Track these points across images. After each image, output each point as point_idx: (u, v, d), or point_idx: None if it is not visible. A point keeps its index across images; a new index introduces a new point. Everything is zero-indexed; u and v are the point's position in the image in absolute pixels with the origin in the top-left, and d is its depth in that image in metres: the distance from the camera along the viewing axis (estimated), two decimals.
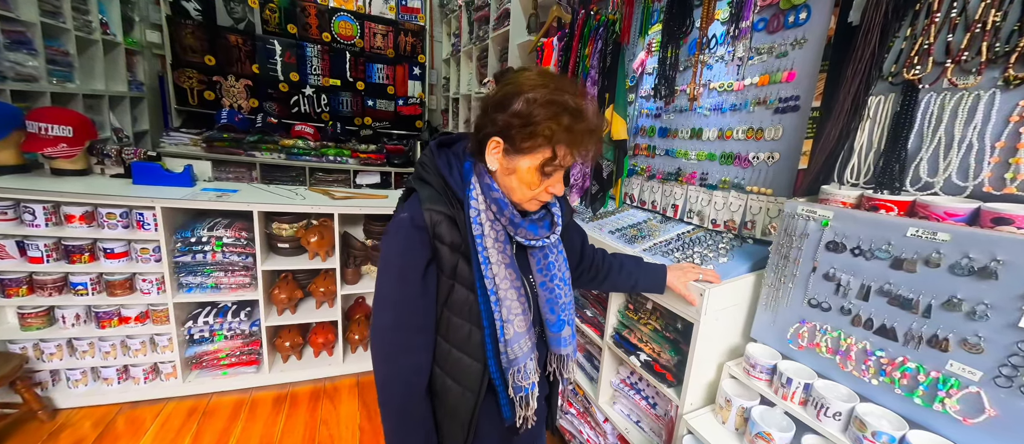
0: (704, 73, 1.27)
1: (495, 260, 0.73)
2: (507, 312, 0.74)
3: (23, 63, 1.93)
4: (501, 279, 0.73)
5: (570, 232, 0.96)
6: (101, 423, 1.68)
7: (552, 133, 0.67)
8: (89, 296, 1.66)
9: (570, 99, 0.68)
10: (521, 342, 0.75)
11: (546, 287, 0.81)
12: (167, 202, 1.63)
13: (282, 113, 3.45)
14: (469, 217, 0.72)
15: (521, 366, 0.76)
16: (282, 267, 1.93)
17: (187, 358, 1.89)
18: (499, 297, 0.73)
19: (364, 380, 2.15)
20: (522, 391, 0.77)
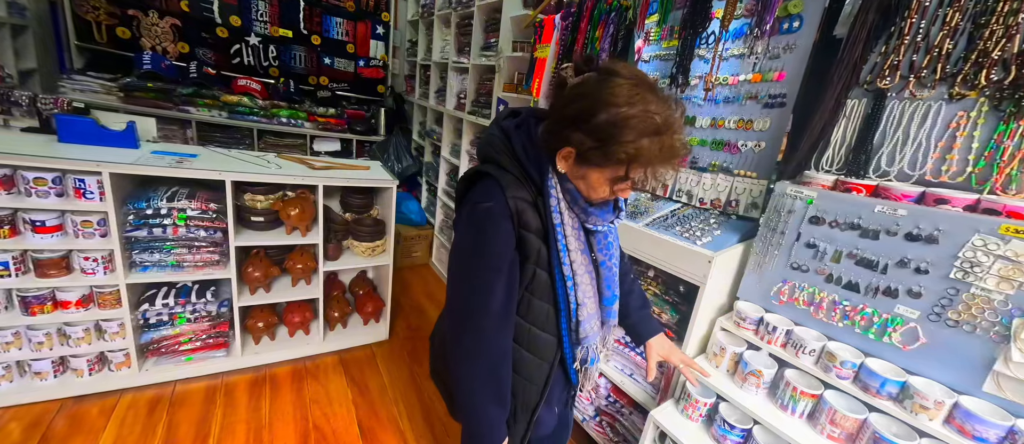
0: (714, 67, 1.38)
1: (572, 247, 0.77)
2: (581, 295, 0.79)
3: None
4: (577, 264, 0.78)
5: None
6: (38, 424, 1.44)
7: (629, 157, 0.64)
8: (11, 278, 1.37)
9: (659, 117, 0.63)
10: (593, 321, 0.82)
11: (606, 266, 0.87)
12: (116, 167, 1.37)
13: (220, 63, 2.98)
14: (549, 205, 0.75)
15: (592, 343, 0.83)
16: (256, 242, 1.75)
17: (142, 345, 1.67)
18: (576, 281, 0.79)
19: (347, 357, 2.08)
20: (589, 363, 0.85)
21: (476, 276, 0.74)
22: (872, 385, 0.96)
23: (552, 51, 1.91)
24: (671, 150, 0.65)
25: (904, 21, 1.04)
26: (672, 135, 0.64)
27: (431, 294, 2.84)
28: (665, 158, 0.65)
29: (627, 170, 0.66)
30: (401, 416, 1.77)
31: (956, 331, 0.90)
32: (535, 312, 0.80)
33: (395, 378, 1.99)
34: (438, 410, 1.83)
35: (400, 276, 2.97)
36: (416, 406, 1.84)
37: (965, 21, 0.98)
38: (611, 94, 0.63)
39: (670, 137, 0.64)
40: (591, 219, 0.79)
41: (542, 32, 1.95)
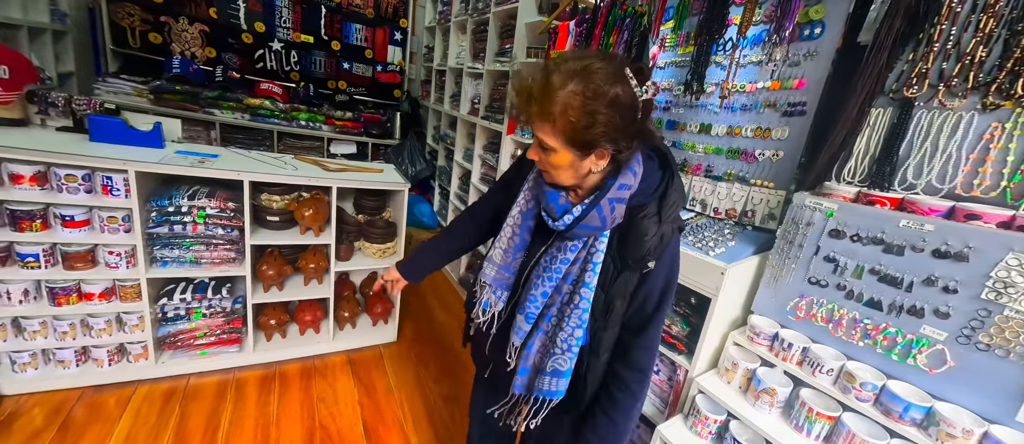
0: (731, 74, 1.35)
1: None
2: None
3: None
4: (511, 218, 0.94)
5: (641, 280, 0.81)
6: (59, 411, 1.50)
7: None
8: (41, 269, 1.43)
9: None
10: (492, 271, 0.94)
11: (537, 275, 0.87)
12: (142, 166, 1.43)
13: (244, 67, 3.09)
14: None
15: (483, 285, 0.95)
16: (271, 241, 1.79)
17: (159, 338, 1.72)
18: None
19: (356, 357, 2.10)
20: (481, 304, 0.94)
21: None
22: (895, 409, 0.91)
23: (582, 49, 1.92)
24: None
25: (933, 27, 0.99)
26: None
27: (441, 298, 2.85)
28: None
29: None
30: (406, 418, 1.77)
31: (987, 355, 0.84)
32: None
33: (401, 380, 1.99)
34: (442, 414, 1.83)
35: None
36: (421, 409, 1.84)
37: (1000, 27, 0.93)
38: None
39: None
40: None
41: (556, 38, 1.95)
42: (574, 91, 0.63)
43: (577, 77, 0.63)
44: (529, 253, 0.85)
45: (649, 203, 0.74)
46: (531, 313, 0.82)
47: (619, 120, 0.64)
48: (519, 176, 0.91)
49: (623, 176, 0.72)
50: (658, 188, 0.75)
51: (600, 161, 0.69)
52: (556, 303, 0.80)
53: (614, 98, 0.63)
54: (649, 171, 0.76)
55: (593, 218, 0.72)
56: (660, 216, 0.73)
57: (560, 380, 0.82)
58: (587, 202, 0.73)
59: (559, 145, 0.67)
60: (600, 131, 0.64)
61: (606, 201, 0.71)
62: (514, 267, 0.87)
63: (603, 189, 0.72)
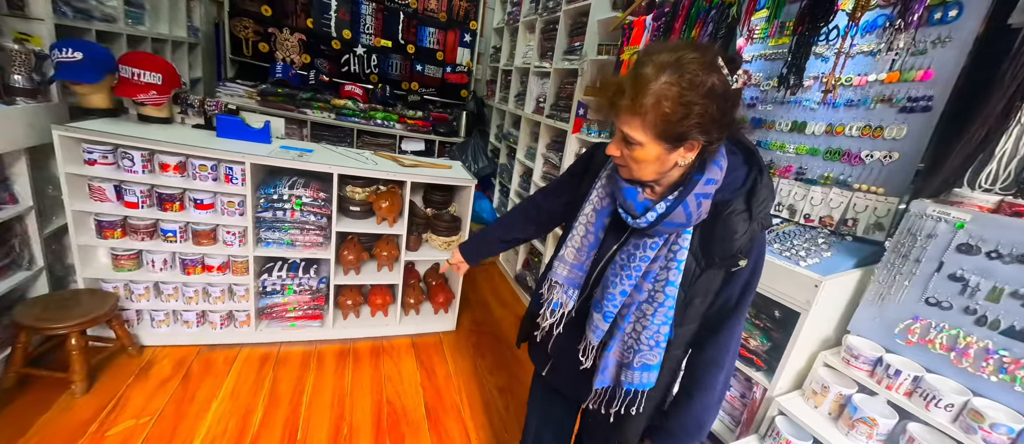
0: (837, 65, 1.22)
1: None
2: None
3: (105, 1, 1.92)
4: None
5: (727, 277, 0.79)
6: (182, 363, 1.79)
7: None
8: (177, 243, 1.72)
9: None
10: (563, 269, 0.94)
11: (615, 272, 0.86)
12: (255, 158, 1.66)
13: (332, 71, 3.42)
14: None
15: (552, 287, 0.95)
16: (352, 229, 1.97)
17: (259, 308, 1.98)
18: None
19: (418, 341, 2.24)
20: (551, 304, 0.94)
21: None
22: None
23: (671, 41, 1.86)
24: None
25: None
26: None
27: (496, 292, 2.92)
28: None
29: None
30: (463, 404, 1.85)
31: None
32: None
33: (459, 368, 2.09)
34: (498, 404, 1.88)
35: (469, 272, 3.10)
36: (477, 398, 1.91)
37: None
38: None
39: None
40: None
41: (631, 34, 1.90)
42: (669, 82, 0.62)
43: (671, 68, 0.62)
44: (601, 251, 0.85)
45: (735, 199, 0.72)
46: (609, 311, 0.81)
47: (715, 110, 0.63)
48: (587, 172, 0.91)
49: (709, 171, 0.71)
50: (745, 184, 0.73)
51: (689, 153, 0.68)
52: (636, 302, 0.78)
53: (710, 88, 0.62)
54: (733, 166, 0.74)
55: (678, 214, 0.70)
56: (750, 212, 0.71)
57: (649, 373, 0.82)
58: (672, 198, 0.71)
59: (648, 139, 0.66)
60: (694, 122, 0.63)
61: (692, 196, 0.69)
62: (587, 265, 0.86)
63: (688, 184, 0.70)
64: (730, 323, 0.79)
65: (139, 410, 1.52)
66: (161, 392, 1.61)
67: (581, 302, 0.88)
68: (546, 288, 0.92)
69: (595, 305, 0.83)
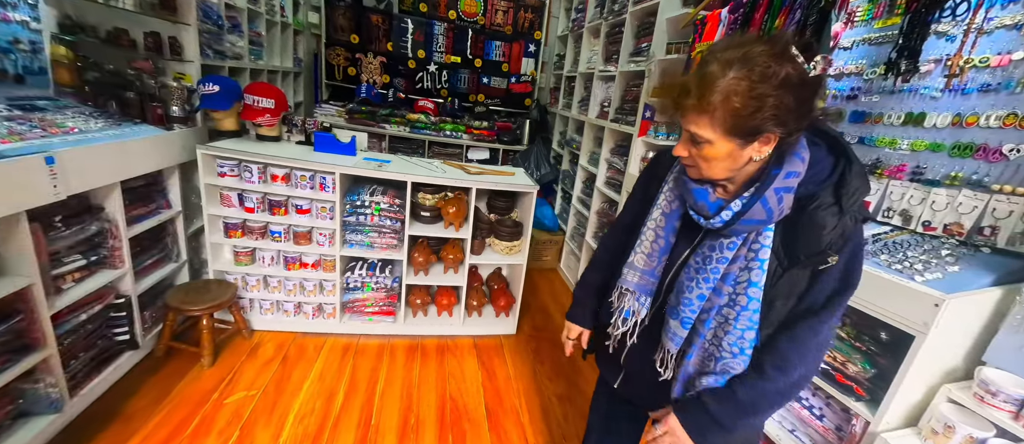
0: (965, 45, 1.04)
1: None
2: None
3: (235, 43, 2.33)
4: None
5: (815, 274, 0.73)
6: (282, 347, 2.06)
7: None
8: (281, 243, 2.01)
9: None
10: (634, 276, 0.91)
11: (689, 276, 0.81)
12: (343, 169, 1.88)
13: (408, 88, 3.73)
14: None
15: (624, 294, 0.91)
16: (422, 233, 2.12)
17: (343, 302, 2.21)
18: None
19: (480, 342, 2.31)
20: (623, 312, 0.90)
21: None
22: None
23: (735, 36, 1.75)
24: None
25: None
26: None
27: (557, 298, 2.91)
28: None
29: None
30: (522, 408, 1.87)
31: None
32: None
33: (519, 371, 2.11)
34: (556, 412, 1.87)
35: (529, 277, 3.13)
36: (536, 403, 1.91)
37: None
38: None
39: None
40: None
41: (704, 30, 1.80)
42: (738, 77, 0.60)
43: (739, 63, 0.60)
44: (674, 255, 0.82)
45: (821, 192, 0.67)
46: (687, 318, 0.78)
47: (791, 101, 0.60)
48: (654, 178, 0.89)
49: (790, 163, 0.66)
50: (832, 175, 0.68)
51: (764, 147, 0.65)
52: (715, 306, 0.75)
53: (785, 78, 0.59)
54: (817, 157, 0.69)
55: (757, 212, 0.67)
56: (840, 205, 0.66)
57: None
58: (748, 195, 0.68)
59: (717, 135, 0.64)
60: (769, 114, 0.60)
61: (772, 192, 0.66)
62: (659, 271, 0.84)
63: (766, 179, 0.67)
64: (812, 322, 0.72)
65: (249, 384, 1.79)
66: (266, 370, 1.88)
67: (655, 310, 0.86)
68: (616, 296, 0.90)
69: (671, 312, 0.81)
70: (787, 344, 0.73)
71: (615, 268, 0.93)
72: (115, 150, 1.45)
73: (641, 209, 0.92)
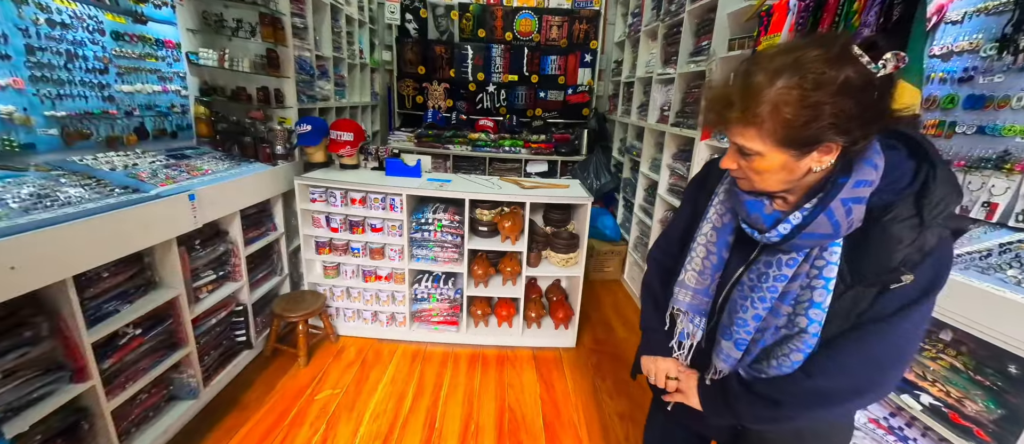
0: None
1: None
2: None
3: (323, 87, 2.73)
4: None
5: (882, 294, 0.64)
6: (361, 351, 2.30)
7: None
8: (360, 258, 2.27)
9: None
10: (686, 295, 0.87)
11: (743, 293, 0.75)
12: (409, 190, 2.07)
13: (469, 110, 3.96)
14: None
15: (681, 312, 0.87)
16: (480, 247, 2.23)
17: (412, 312, 2.40)
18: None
19: (539, 354, 2.33)
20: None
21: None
22: None
23: (783, 40, 1.60)
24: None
25: None
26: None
27: (620, 311, 2.81)
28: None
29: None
30: (580, 423, 1.84)
31: None
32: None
33: (578, 386, 2.08)
34: (617, 431, 1.80)
35: (591, 289, 3.08)
36: (595, 420, 1.87)
37: None
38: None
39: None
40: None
41: (770, 22, 1.66)
42: (788, 86, 0.56)
43: (789, 71, 0.56)
44: (727, 272, 0.78)
45: (898, 202, 0.59)
46: (741, 340, 0.73)
47: (853, 107, 0.55)
48: (703, 190, 0.85)
49: (860, 171, 0.60)
50: (912, 183, 0.60)
51: (825, 157, 0.59)
52: (772, 327, 0.70)
53: (844, 83, 0.54)
54: (894, 162, 0.61)
55: (821, 225, 0.61)
56: (921, 217, 0.58)
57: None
58: (810, 206, 0.62)
59: (767, 147, 0.60)
60: (826, 123, 0.55)
61: (838, 202, 0.60)
62: (712, 289, 0.80)
63: (831, 188, 0.61)
64: (878, 327, 0.63)
65: (335, 383, 2.03)
66: (348, 371, 2.12)
67: (709, 329, 0.82)
68: (669, 317, 0.88)
69: (723, 332, 0.76)
70: (832, 350, 0.66)
71: (668, 285, 0.88)
72: (236, 185, 1.79)
73: (690, 222, 0.88)
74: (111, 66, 1.61)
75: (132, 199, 1.29)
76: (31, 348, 1.09)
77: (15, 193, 1.09)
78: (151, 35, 1.79)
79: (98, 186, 1.30)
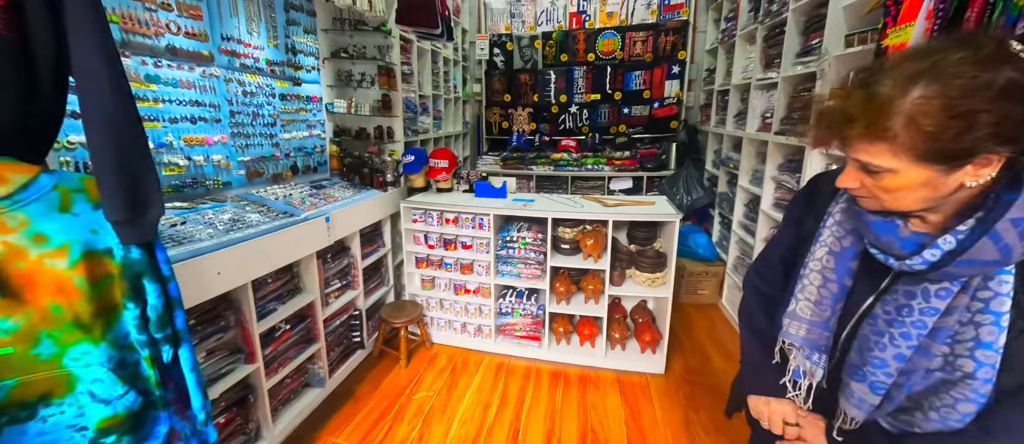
0: None
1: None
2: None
3: (424, 121, 3.12)
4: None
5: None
6: (452, 359, 2.49)
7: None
8: (452, 272, 2.49)
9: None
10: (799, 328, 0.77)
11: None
12: (496, 210, 2.24)
13: (552, 131, 4.08)
14: None
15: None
16: (563, 264, 2.27)
17: (497, 325, 2.53)
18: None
19: (624, 378, 2.24)
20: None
21: None
22: None
23: (918, 30, 1.37)
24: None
25: None
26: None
27: (717, 338, 2.56)
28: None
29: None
30: None
31: None
32: None
33: (669, 416, 1.95)
34: None
35: (683, 312, 2.87)
36: None
37: None
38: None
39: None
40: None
41: (899, 10, 1.44)
42: (925, 95, 0.49)
43: (925, 78, 0.49)
44: (851, 303, 0.69)
45: None
46: (878, 382, 0.64)
47: (1021, 112, 0.47)
48: (810, 212, 0.77)
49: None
50: None
51: (982, 170, 0.51)
52: (920, 369, 0.60)
53: (1006, 86, 0.46)
54: None
55: (984, 250, 0.52)
56: None
57: None
58: (966, 227, 0.54)
59: (903, 163, 0.53)
60: (984, 133, 0.48)
61: (1008, 224, 0.51)
62: (833, 322, 0.71)
63: (995, 206, 0.53)
64: None
65: (429, 385, 2.23)
66: (440, 376, 2.32)
67: (831, 368, 0.73)
68: (777, 351, 0.80)
69: (853, 373, 0.68)
70: (1018, 402, 0.54)
71: (773, 315, 0.80)
72: (358, 209, 2.15)
73: (794, 245, 0.80)
74: (278, 120, 2.10)
75: (289, 222, 1.66)
76: (223, 334, 1.46)
77: (220, 219, 1.51)
78: (304, 94, 2.30)
79: (268, 212, 1.71)
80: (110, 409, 0.81)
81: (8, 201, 0.66)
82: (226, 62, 1.72)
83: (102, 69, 0.65)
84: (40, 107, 0.71)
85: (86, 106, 0.65)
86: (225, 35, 1.70)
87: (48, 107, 0.73)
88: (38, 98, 0.70)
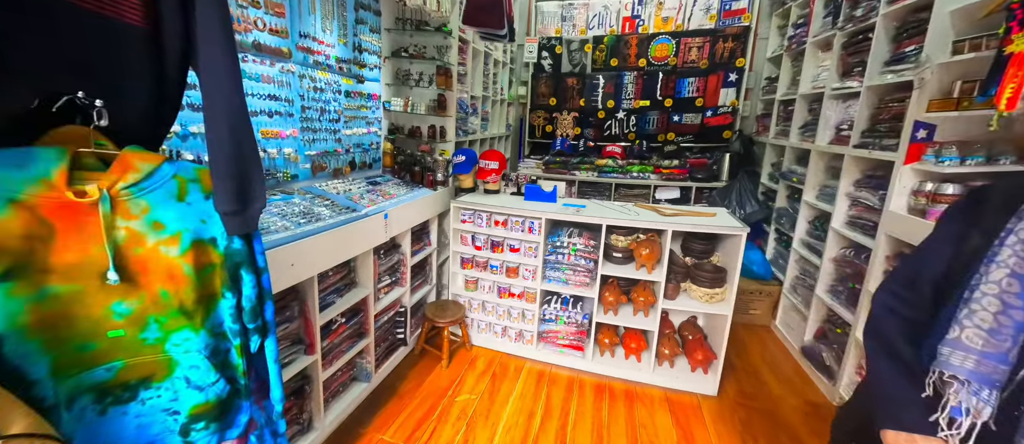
0: None
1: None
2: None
3: (474, 122, 3.13)
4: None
5: None
6: (491, 363, 2.46)
7: None
8: (497, 275, 2.46)
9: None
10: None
11: None
12: (548, 214, 2.19)
13: (596, 136, 4.00)
14: None
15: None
16: (613, 273, 2.19)
17: (540, 332, 2.48)
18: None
19: (673, 397, 2.13)
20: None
21: None
22: None
23: None
24: None
25: None
26: None
27: (772, 362, 2.40)
28: None
29: None
30: None
31: None
32: None
33: (725, 441, 1.83)
34: None
35: (733, 332, 2.70)
36: None
37: None
38: None
39: None
40: None
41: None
42: None
43: None
44: None
45: None
46: None
47: None
48: (977, 226, 0.70)
49: None
50: None
51: None
52: None
53: None
54: None
55: None
56: None
57: None
58: None
59: None
60: None
61: None
62: (1012, 355, 0.65)
63: None
64: None
65: (471, 388, 2.21)
66: (481, 380, 2.29)
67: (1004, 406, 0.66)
68: (929, 383, 0.71)
69: None
70: None
71: (918, 342, 0.73)
72: (411, 206, 2.17)
73: (952, 264, 0.72)
74: (342, 116, 2.15)
75: (352, 217, 1.69)
76: (289, 324, 1.49)
77: (292, 211, 1.54)
78: (366, 91, 2.35)
79: (333, 206, 1.74)
80: (202, 396, 0.82)
81: (135, 188, 0.67)
82: (301, 58, 1.77)
83: (229, 67, 0.66)
84: (166, 97, 0.73)
85: (210, 100, 0.66)
86: (302, 32, 1.75)
87: (171, 98, 0.75)
88: (164, 89, 0.72)
